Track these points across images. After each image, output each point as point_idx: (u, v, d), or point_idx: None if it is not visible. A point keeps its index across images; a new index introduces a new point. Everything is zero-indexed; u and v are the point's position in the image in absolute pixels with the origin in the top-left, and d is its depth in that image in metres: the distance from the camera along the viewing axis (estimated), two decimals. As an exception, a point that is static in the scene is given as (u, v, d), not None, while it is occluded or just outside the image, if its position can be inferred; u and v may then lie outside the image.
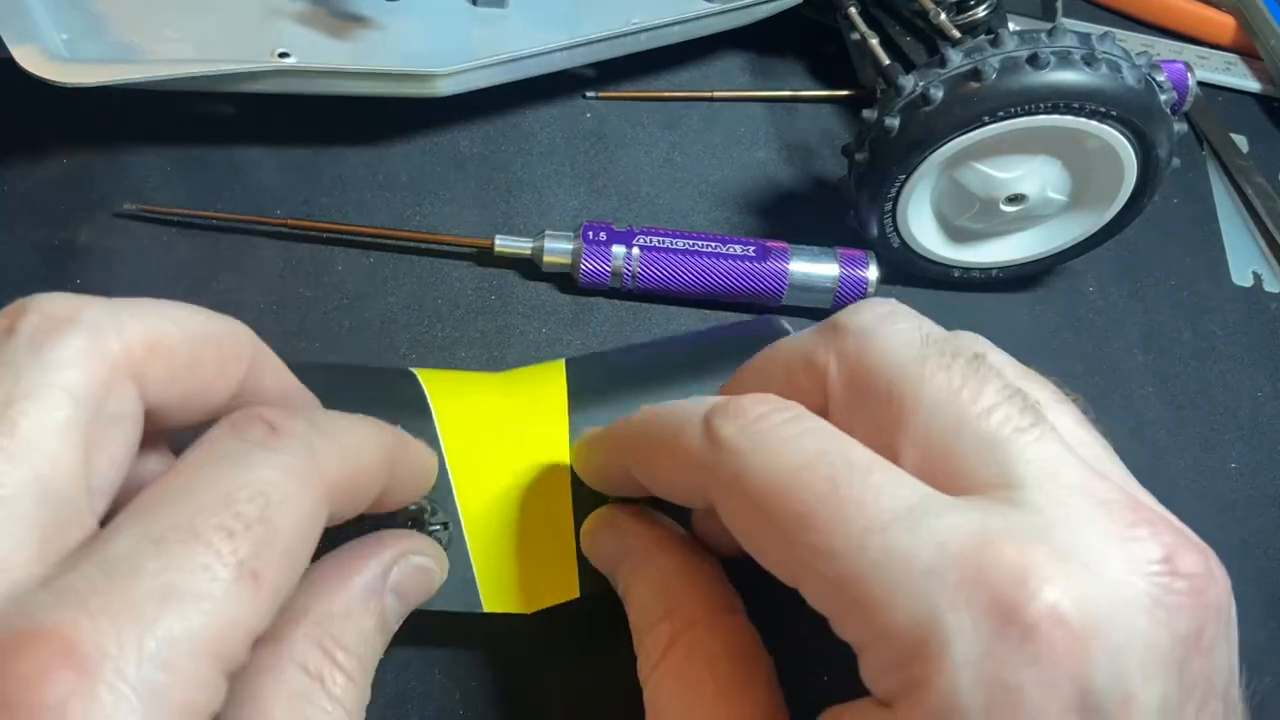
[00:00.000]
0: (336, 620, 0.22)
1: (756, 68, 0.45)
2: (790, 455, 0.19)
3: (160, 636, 0.16)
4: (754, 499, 0.19)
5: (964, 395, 0.20)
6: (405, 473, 0.23)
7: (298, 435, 0.19)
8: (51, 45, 0.32)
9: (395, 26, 0.38)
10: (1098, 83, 0.32)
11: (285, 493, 0.18)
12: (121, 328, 0.19)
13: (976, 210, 0.36)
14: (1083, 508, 0.18)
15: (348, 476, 0.20)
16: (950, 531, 0.17)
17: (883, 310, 0.22)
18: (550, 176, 0.39)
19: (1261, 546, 0.34)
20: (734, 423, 0.20)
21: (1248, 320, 0.40)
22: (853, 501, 0.18)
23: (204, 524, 0.17)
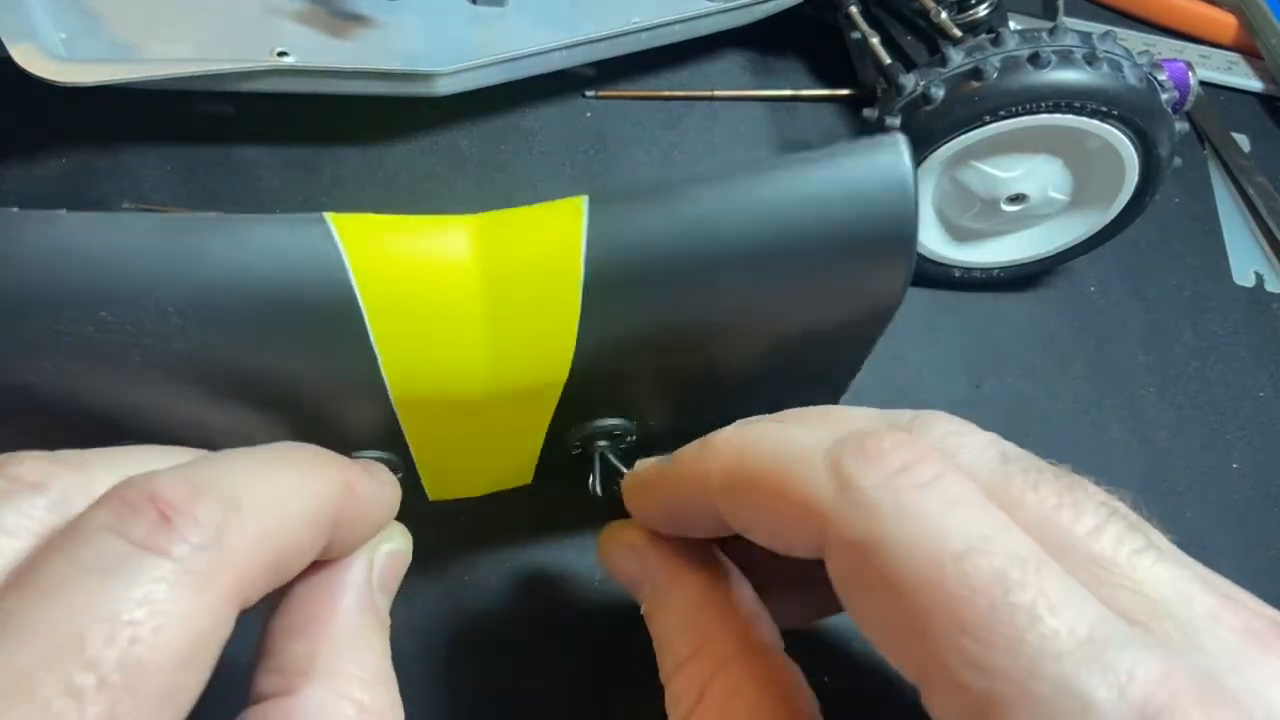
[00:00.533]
0: (345, 656, 0.19)
1: (757, 67, 0.45)
2: (948, 534, 0.16)
3: None
4: (893, 574, 0.16)
5: (1064, 515, 0.17)
6: (354, 524, 0.20)
7: (199, 524, 0.16)
8: (50, 44, 0.32)
9: (395, 26, 0.37)
10: (1099, 82, 0.32)
11: (165, 617, 0.15)
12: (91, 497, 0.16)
13: (977, 210, 0.36)
14: (1235, 641, 0.16)
15: (271, 562, 0.17)
16: (1131, 673, 0.15)
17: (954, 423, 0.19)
18: (550, 176, 0.39)
19: (1263, 547, 0.34)
20: (874, 472, 0.17)
21: (1249, 320, 0.40)
22: (1024, 613, 0.15)
23: (43, 680, 0.14)
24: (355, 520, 0.20)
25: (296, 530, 0.18)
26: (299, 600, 0.20)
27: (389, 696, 0.19)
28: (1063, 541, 0.17)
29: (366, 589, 0.20)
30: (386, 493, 0.22)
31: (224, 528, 0.16)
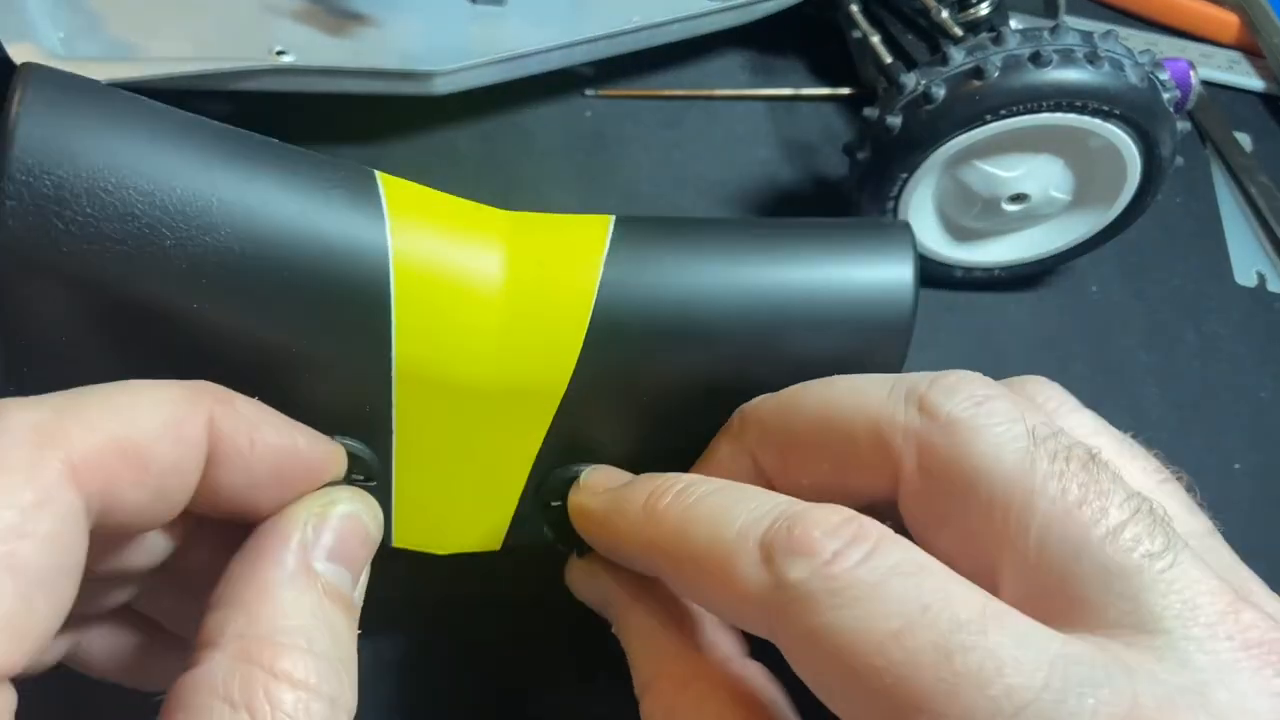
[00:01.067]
0: (261, 622, 0.17)
1: (757, 66, 0.45)
2: (884, 614, 0.16)
3: None
4: (841, 662, 0.16)
5: (1085, 513, 0.17)
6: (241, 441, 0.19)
7: (9, 414, 0.16)
8: (48, 43, 0.32)
9: (393, 25, 0.37)
10: (1100, 81, 0.32)
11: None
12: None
13: (979, 209, 0.35)
14: (1230, 653, 0.16)
15: (116, 450, 0.17)
16: (1096, 712, 0.15)
17: (980, 393, 0.19)
18: (550, 175, 0.39)
19: (1265, 547, 0.34)
20: (803, 564, 0.17)
21: (1251, 320, 0.40)
22: (972, 680, 0.15)
23: None
24: (243, 438, 0.19)
25: (139, 422, 0.17)
26: (226, 574, 0.19)
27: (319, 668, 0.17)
28: (1076, 542, 0.17)
29: (297, 555, 0.19)
30: (299, 432, 0.20)
31: (36, 415, 0.16)
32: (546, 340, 0.22)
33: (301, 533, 0.19)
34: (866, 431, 0.19)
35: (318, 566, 0.19)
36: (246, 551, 0.19)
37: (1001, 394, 0.19)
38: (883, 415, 0.19)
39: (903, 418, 0.19)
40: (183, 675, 0.17)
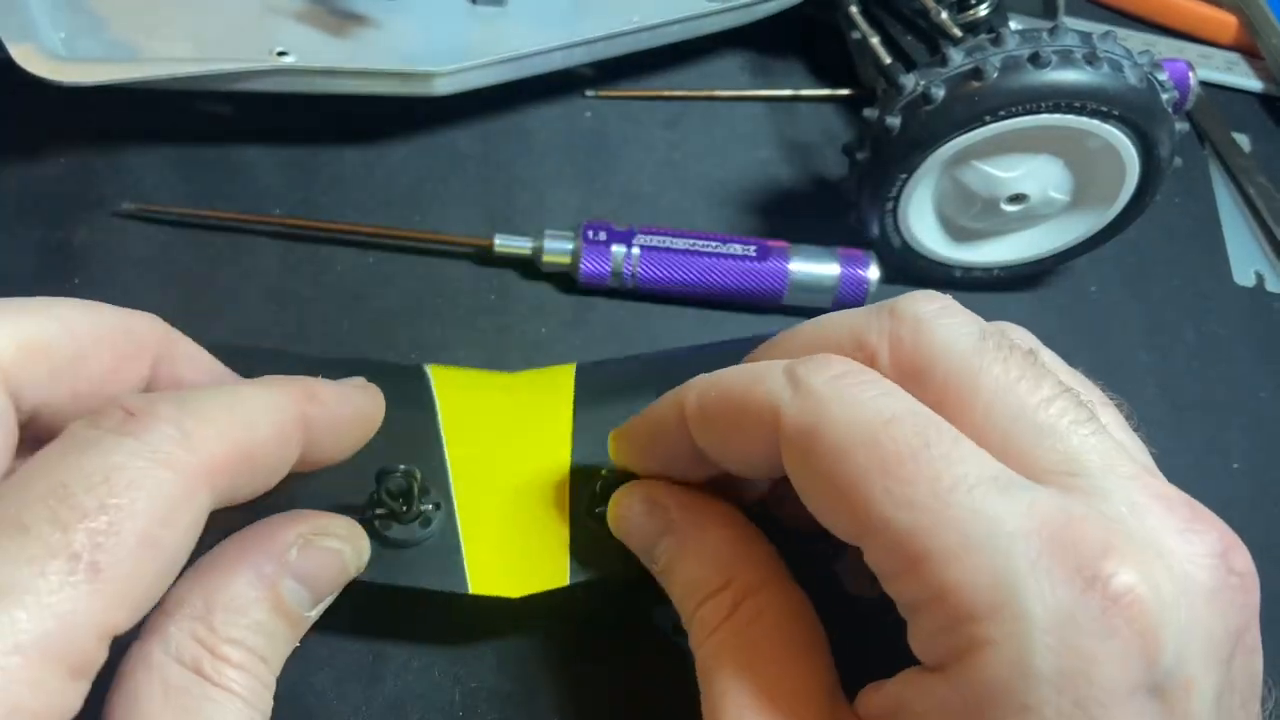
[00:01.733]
0: (218, 611, 0.20)
1: (757, 67, 0.45)
2: (879, 408, 0.19)
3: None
4: (834, 445, 0.19)
5: (1022, 386, 0.20)
6: (327, 427, 0.22)
7: (160, 418, 0.18)
8: (49, 44, 0.32)
9: (394, 25, 0.37)
10: (1099, 82, 0.32)
11: (135, 478, 0.17)
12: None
13: (978, 210, 0.36)
14: (1143, 499, 0.19)
15: (234, 453, 0.19)
16: (1034, 501, 0.18)
17: (940, 302, 0.22)
18: (550, 176, 0.39)
19: (1264, 546, 0.34)
20: (820, 373, 0.20)
21: (1250, 320, 0.40)
22: (941, 457, 0.18)
23: (33, 516, 0.16)
24: (327, 421, 0.22)
25: (254, 427, 0.20)
26: (214, 550, 0.22)
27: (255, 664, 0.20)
28: (1015, 407, 0.20)
29: (273, 563, 0.21)
30: (356, 396, 0.24)
31: (183, 421, 0.19)
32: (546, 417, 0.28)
33: (282, 550, 0.22)
34: (850, 339, 0.22)
35: (285, 583, 0.21)
36: (241, 536, 0.22)
37: (959, 306, 0.22)
38: (861, 323, 0.22)
39: (877, 322, 0.22)
40: (136, 642, 0.20)
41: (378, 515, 0.25)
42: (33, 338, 0.19)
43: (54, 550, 0.16)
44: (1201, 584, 0.18)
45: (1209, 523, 0.19)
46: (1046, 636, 0.17)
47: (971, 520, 0.18)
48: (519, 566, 0.26)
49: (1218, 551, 0.18)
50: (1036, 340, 0.24)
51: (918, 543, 0.18)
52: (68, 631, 0.16)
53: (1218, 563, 0.18)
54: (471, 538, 0.26)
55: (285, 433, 0.21)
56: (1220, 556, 0.18)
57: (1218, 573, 0.18)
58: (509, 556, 0.26)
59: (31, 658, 0.15)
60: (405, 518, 0.25)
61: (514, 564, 0.26)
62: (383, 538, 0.25)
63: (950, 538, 0.18)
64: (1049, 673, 0.17)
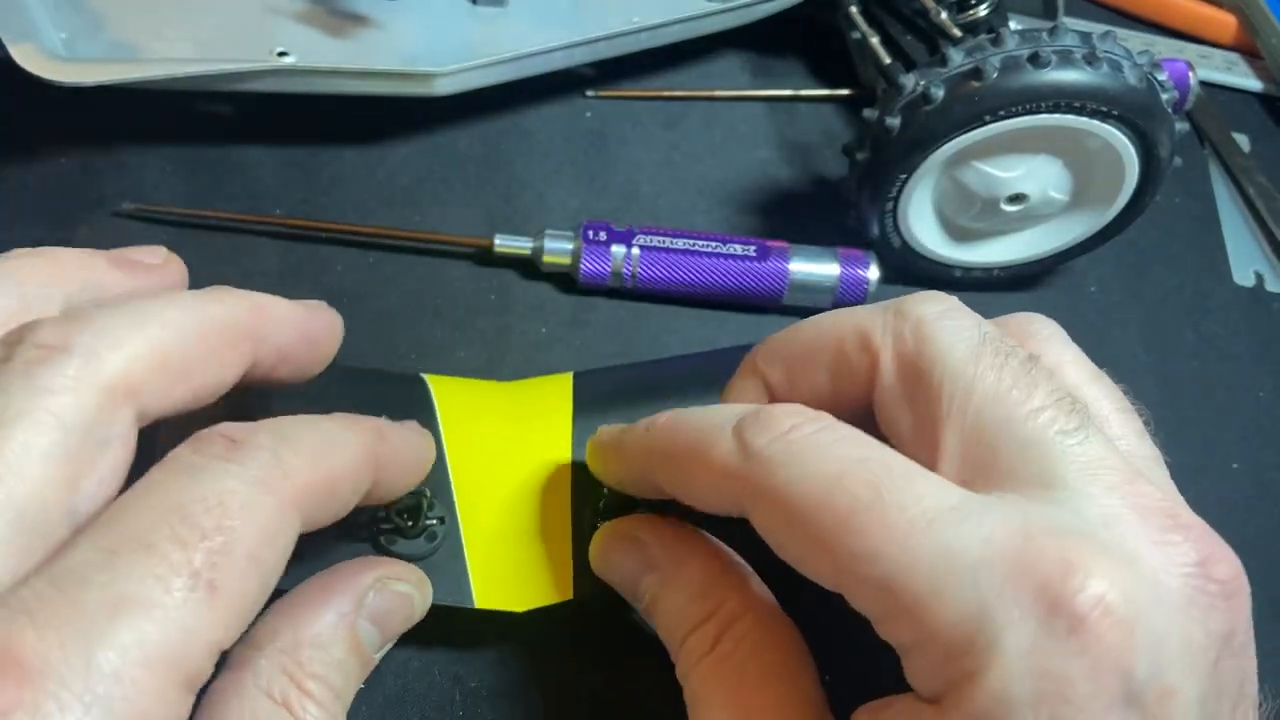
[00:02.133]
0: (305, 648, 0.21)
1: (757, 67, 0.45)
2: (828, 463, 0.19)
3: (110, 647, 0.16)
4: (792, 509, 0.19)
5: (1013, 395, 0.20)
6: (392, 466, 0.23)
7: (260, 447, 0.19)
8: (50, 44, 0.32)
9: (394, 25, 0.37)
10: (1099, 82, 0.32)
11: (244, 502, 0.18)
12: (116, 351, 0.19)
13: (978, 210, 0.36)
14: (1120, 509, 0.19)
15: (320, 482, 0.20)
16: (994, 526, 0.18)
17: (946, 304, 0.22)
18: (550, 176, 0.39)
19: (1264, 546, 0.34)
20: (766, 434, 0.20)
21: (1249, 320, 0.40)
22: (895, 504, 0.18)
23: (157, 535, 0.17)
24: (390, 461, 0.23)
25: (341, 461, 0.21)
26: (292, 592, 0.23)
27: (333, 702, 0.21)
28: (1003, 416, 0.20)
29: (352, 604, 0.23)
30: (416, 439, 0.25)
31: (279, 449, 0.19)
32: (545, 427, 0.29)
33: (362, 593, 0.23)
34: (854, 336, 0.23)
35: (361, 624, 0.23)
36: (323, 577, 0.23)
37: (964, 308, 0.23)
38: (866, 322, 0.23)
39: (882, 320, 0.22)
40: (230, 670, 0.21)
41: (383, 530, 0.25)
42: (152, 355, 0.20)
43: (177, 567, 0.17)
44: (1176, 592, 0.18)
45: (1187, 531, 0.19)
46: (1020, 663, 0.17)
47: (933, 560, 0.18)
48: (523, 580, 0.26)
49: (1193, 560, 0.18)
50: (1061, 333, 0.24)
51: (892, 592, 0.18)
52: (188, 646, 0.17)
53: (1193, 570, 0.18)
54: (476, 553, 0.26)
55: (361, 466, 0.22)
56: (1197, 565, 0.18)
57: (1193, 580, 0.18)
58: (513, 571, 0.27)
59: (157, 670, 0.16)
60: (411, 533, 0.25)
61: (518, 578, 0.26)
62: (388, 552, 0.25)
63: (919, 581, 0.18)
64: (1027, 698, 0.17)
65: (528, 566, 0.27)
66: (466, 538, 0.26)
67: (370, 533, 0.25)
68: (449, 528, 0.26)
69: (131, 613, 0.16)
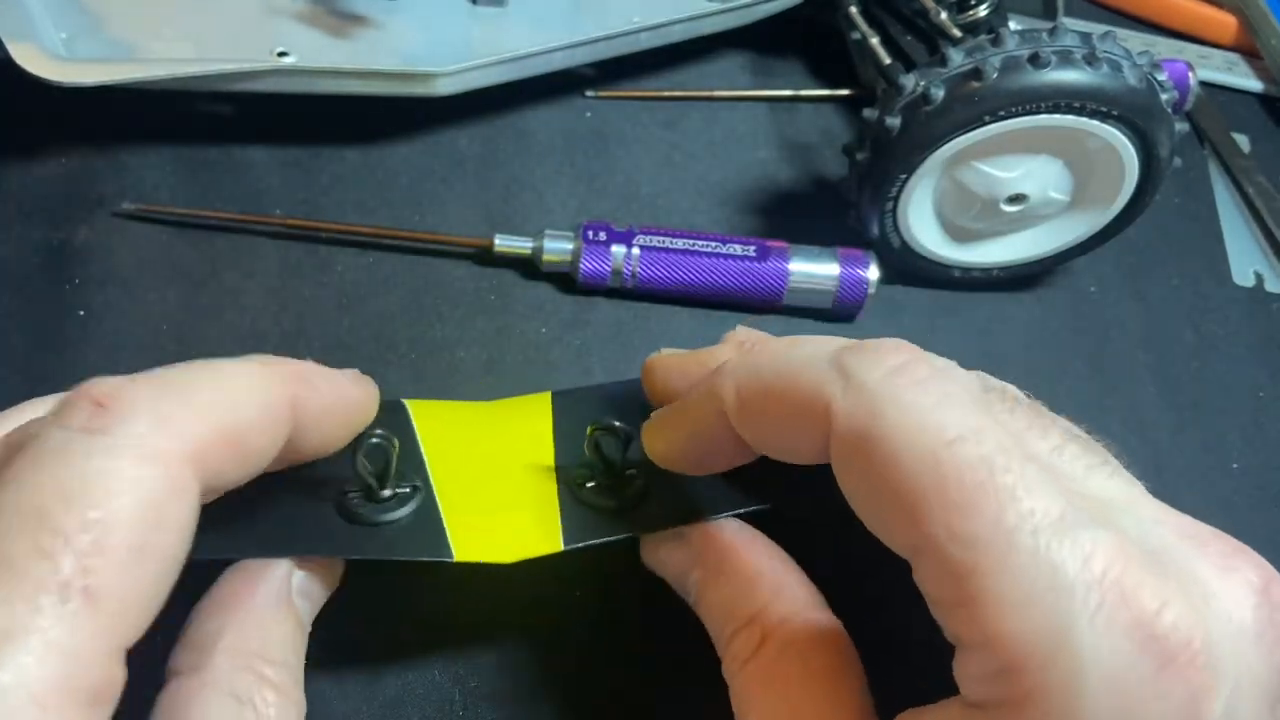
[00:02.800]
0: (252, 636, 0.21)
1: (757, 67, 0.45)
2: (941, 424, 0.18)
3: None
4: (892, 458, 0.18)
5: (1030, 435, 0.19)
6: (319, 412, 0.21)
7: (134, 406, 0.17)
8: (50, 44, 0.32)
9: (394, 26, 0.37)
10: (1099, 82, 0.32)
11: (114, 484, 0.16)
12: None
13: (977, 210, 0.36)
14: (1176, 539, 0.18)
15: (220, 438, 0.18)
16: (1095, 546, 0.17)
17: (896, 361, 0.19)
18: (550, 176, 0.39)
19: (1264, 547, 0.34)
20: (875, 368, 0.19)
21: (1249, 320, 0.40)
22: (1007, 493, 0.17)
23: (15, 548, 0.15)
24: (317, 406, 0.21)
25: (239, 406, 0.19)
26: (220, 584, 0.22)
27: (293, 684, 0.21)
28: (1028, 453, 0.19)
29: (284, 584, 0.22)
30: (351, 384, 0.23)
31: (159, 406, 0.17)
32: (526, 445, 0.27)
33: (289, 571, 0.22)
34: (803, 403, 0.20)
35: (296, 600, 0.22)
36: (243, 571, 0.22)
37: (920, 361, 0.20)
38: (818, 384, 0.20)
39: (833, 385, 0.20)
40: (181, 675, 0.20)
41: (349, 493, 0.24)
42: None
43: (43, 584, 0.15)
44: (1247, 627, 0.18)
45: (1244, 556, 0.18)
46: (1099, 694, 0.16)
47: (1033, 567, 0.17)
48: (507, 532, 0.25)
49: (1259, 588, 0.18)
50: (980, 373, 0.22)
51: (974, 582, 0.17)
52: (78, 664, 0.15)
53: (1260, 600, 0.18)
54: (452, 509, 0.25)
55: (273, 414, 0.20)
56: (1262, 593, 0.18)
57: (1261, 611, 0.18)
58: (495, 523, 0.25)
59: (49, 702, 0.15)
60: (379, 496, 0.24)
61: (501, 530, 0.25)
62: (354, 517, 0.24)
63: (1009, 585, 0.17)
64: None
65: (511, 518, 0.25)
66: (441, 495, 0.25)
67: (335, 496, 0.24)
68: (423, 493, 0.25)
69: (4, 646, 0.15)
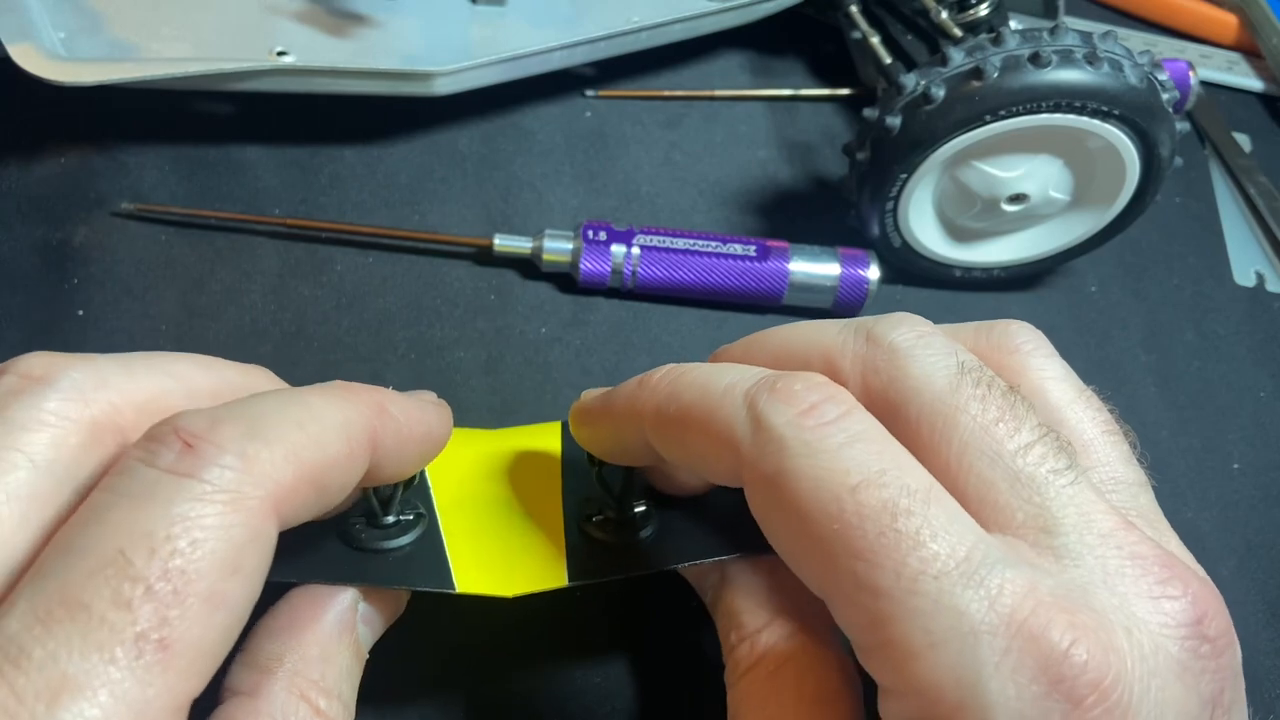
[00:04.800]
0: (313, 664, 0.20)
1: (757, 66, 0.45)
2: (845, 469, 0.18)
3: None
4: (798, 505, 0.18)
5: (1000, 429, 0.19)
6: (395, 445, 0.21)
7: (224, 449, 0.17)
8: (49, 44, 0.32)
9: (394, 25, 0.37)
10: (1100, 81, 0.32)
11: (199, 535, 0.16)
12: (104, 388, 0.18)
13: (978, 209, 0.36)
14: (1117, 560, 0.18)
15: (303, 480, 0.18)
16: (1001, 588, 0.17)
17: (918, 330, 0.21)
18: (550, 176, 0.39)
19: (1264, 547, 0.34)
20: (783, 411, 0.19)
21: (1250, 320, 0.40)
22: (909, 539, 0.17)
23: (94, 595, 0.15)
24: (395, 438, 0.21)
25: (325, 445, 0.18)
26: (284, 605, 0.21)
27: (343, 714, 0.21)
28: (990, 452, 0.19)
29: (350, 612, 0.22)
30: (429, 412, 0.22)
31: (246, 448, 0.17)
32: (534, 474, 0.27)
33: (355, 599, 0.22)
34: (820, 359, 0.21)
35: (359, 628, 0.22)
36: (309, 594, 0.22)
37: (938, 332, 0.21)
38: (834, 345, 0.21)
39: (851, 346, 0.21)
40: (238, 697, 0.20)
41: (352, 519, 0.24)
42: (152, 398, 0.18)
43: (120, 633, 0.15)
44: (1173, 658, 0.17)
45: (1183, 583, 0.18)
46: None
47: (934, 614, 0.17)
48: (510, 566, 0.25)
49: (1190, 620, 0.18)
50: (1045, 343, 0.23)
51: (882, 630, 0.17)
52: (144, 717, 0.15)
53: (1189, 632, 0.18)
54: (456, 539, 0.25)
55: (355, 451, 0.19)
56: (1193, 625, 0.18)
57: (1189, 643, 0.17)
58: (499, 556, 0.25)
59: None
60: (382, 522, 0.24)
61: (505, 563, 0.25)
62: (356, 543, 0.23)
63: (915, 631, 0.17)
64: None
65: (515, 550, 0.25)
66: (445, 523, 0.25)
67: (338, 522, 0.23)
68: (427, 520, 0.24)
69: (75, 696, 0.14)
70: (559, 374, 0.34)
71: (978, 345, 0.23)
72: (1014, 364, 0.22)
